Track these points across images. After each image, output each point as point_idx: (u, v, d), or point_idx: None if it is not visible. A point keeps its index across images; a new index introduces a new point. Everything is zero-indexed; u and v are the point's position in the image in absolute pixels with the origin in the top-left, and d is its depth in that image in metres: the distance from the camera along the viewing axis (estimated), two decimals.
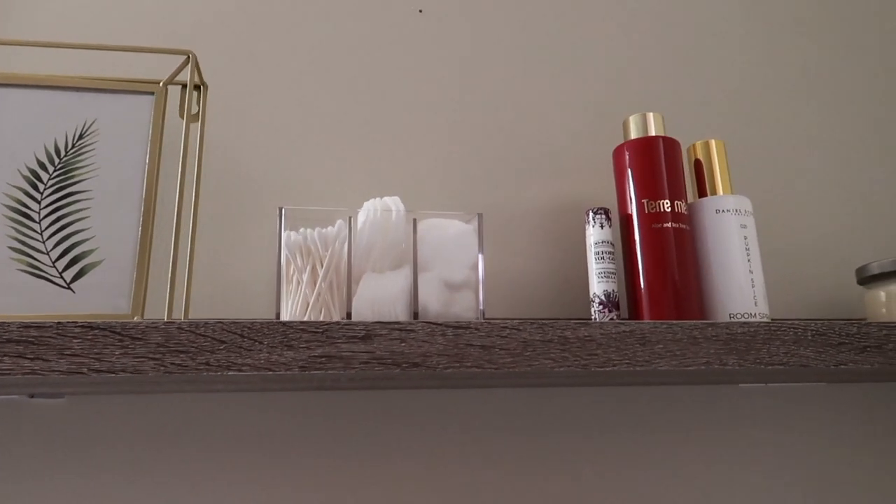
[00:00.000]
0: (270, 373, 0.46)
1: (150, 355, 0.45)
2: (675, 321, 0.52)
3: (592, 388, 0.66)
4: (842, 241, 0.73)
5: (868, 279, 0.65)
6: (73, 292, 0.51)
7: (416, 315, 0.54)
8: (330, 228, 0.55)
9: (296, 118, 0.68)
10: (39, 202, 0.52)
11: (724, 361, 0.52)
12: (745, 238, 0.58)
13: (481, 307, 0.55)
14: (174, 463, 0.60)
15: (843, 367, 0.54)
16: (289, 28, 0.71)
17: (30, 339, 0.44)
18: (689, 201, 0.61)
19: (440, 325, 0.49)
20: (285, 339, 0.47)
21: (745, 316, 0.56)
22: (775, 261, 0.71)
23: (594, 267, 0.57)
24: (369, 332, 0.48)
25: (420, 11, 0.73)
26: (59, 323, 0.44)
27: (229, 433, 0.61)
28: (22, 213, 0.52)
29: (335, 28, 0.72)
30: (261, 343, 0.46)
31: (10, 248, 0.51)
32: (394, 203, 0.56)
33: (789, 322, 0.54)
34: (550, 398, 0.65)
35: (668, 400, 0.66)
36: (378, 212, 0.55)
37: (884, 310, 0.63)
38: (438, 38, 0.73)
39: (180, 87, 0.58)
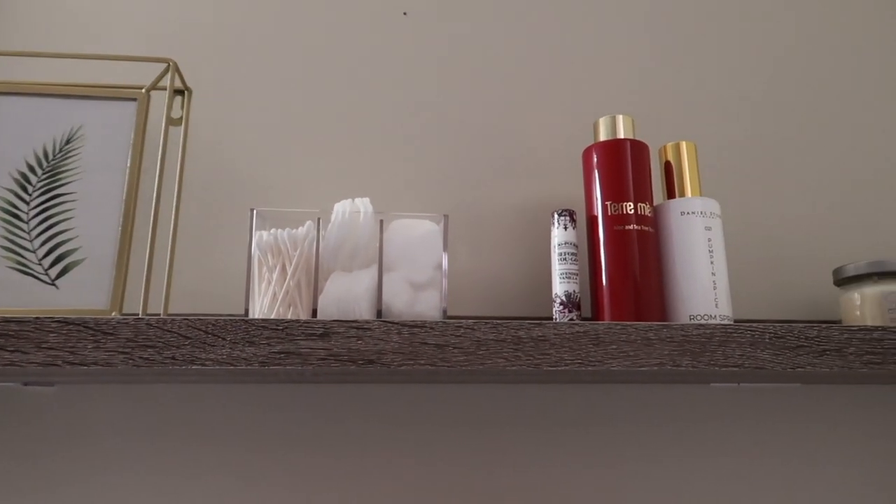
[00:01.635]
0: (232, 367, 0.49)
1: (120, 349, 0.48)
2: (629, 322, 0.53)
3: (560, 385, 0.67)
4: (821, 242, 0.73)
5: (843, 281, 0.65)
6: (57, 288, 0.54)
7: (379, 313, 0.56)
8: (301, 229, 0.57)
9: (275, 121, 0.71)
10: (28, 203, 0.56)
11: (677, 363, 0.53)
12: (710, 240, 0.59)
13: (444, 306, 0.57)
14: (161, 452, 0.63)
15: (800, 369, 0.54)
16: (270, 33, 0.73)
17: (10, 333, 0.47)
18: (659, 203, 0.62)
19: (396, 323, 0.51)
20: (247, 336, 0.49)
21: (706, 318, 0.57)
22: (754, 262, 0.72)
23: (557, 268, 0.58)
24: (327, 329, 0.50)
25: (405, 14, 0.75)
26: (37, 318, 0.47)
27: (206, 422, 0.64)
28: (12, 214, 0.55)
29: (316, 32, 0.74)
30: (224, 339, 0.49)
31: (2, 247, 0.55)
32: (363, 205, 0.58)
33: (747, 324, 0.54)
34: (534, 394, 0.67)
35: (638, 398, 0.67)
36: (347, 213, 0.57)
37: (858, 312, 0.63)
38: (417, 41, 0.75)
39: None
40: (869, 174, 0.76)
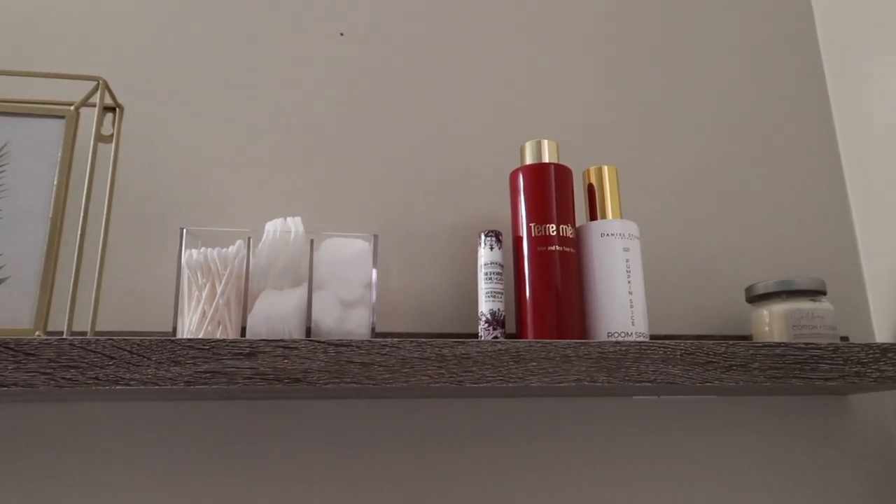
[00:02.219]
0: (157, 387, 0.49)
1: (42, 370, 0.48)
2: (549, 340, 0.56)
3: (490, 399, 0.69)
4: (736, 261, 0.77)
5: (754, 298, 0.69)
6: None
7: (309, 331, 0.57)
8: (231, 248, 0.58)
9: (208, 140, 0.71)
10: None
11: (594, 378, 0.56)
12: (628, 260, 0.62)
13: (373, 324, 0.58)
14: (85, 470, 0.63)
15: (708, 384, 0.57)
16: (204, 52, 0.74)
17: None
18: (581, 224, 0.64)
19: (322, 342, 0.52)
20: (173, 356, 0.50)
21: (623, 334, 0.60)
22: (673, 281, 0.75)
23: (483, 286, 0.61)
24: (254, 348, 0.51)
25: (342, 35, 0.76)
26: None
27: (135, 440, 0.64)
28: None
29: (250, 51, 0.75)
30: (149, 359, 0.49)
31: None
32: (294, 224, 0.59)
33: (660, 342, 0.57)
34: (461, 409, 0.68)
35: (560, 411, 0.70)
36: (278, 232, 0.58)
37: (767, 328, 0.67)
38: (351, 62, 0.76)
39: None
40: (780, 196, 0.81)
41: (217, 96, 0.73)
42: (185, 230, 0.57)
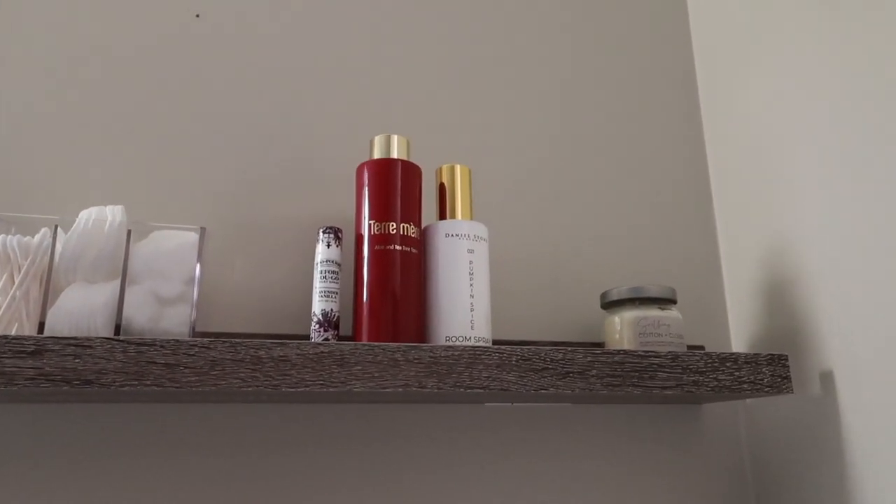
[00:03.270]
0: None
1: None
2: (377, 343, 0.53)
3: (330, 404, 0.66)
4: (594, 267, 0.77)
5: (607, 305, 0.68)
6: None
7: (118, 329, 0.53)
8: (37, 236, 0.53)
9: (36, 121, 0.66)
10: None
11: (423, 384, 0.53)
12: (472, 262, 0.60)
13: (193, 322, 0.54)
14: None
15: (543, 391, 0.56)
16: (31, 23, 0.68)
17: None
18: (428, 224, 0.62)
19: (121, 341, 0.48)
20: None
21: (461, 339, 0.58)
22: (533, 286, 0.74)
23: (318, 286, 0.57)
24: (40, 347, 0.46)
25: (197, 16, 0.72)
26: None
27: None
28: None
29: (87, 25, 0.70)
30: None
31: None
32: (112, 213, 0.55)
33: (496, 347, 0.55)
34: (317, 414, 0.65)
35: (407, 418, 0.67)
36: (91, 221, 0.54)
37: (618, 335, 0.67)
38: (199, 46, 0.71)
39: None
40: (644, 205, 0.81)
41: (41, 70, 0.67)
42: None
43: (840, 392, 0.64)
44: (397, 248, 0.58)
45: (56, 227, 0.53)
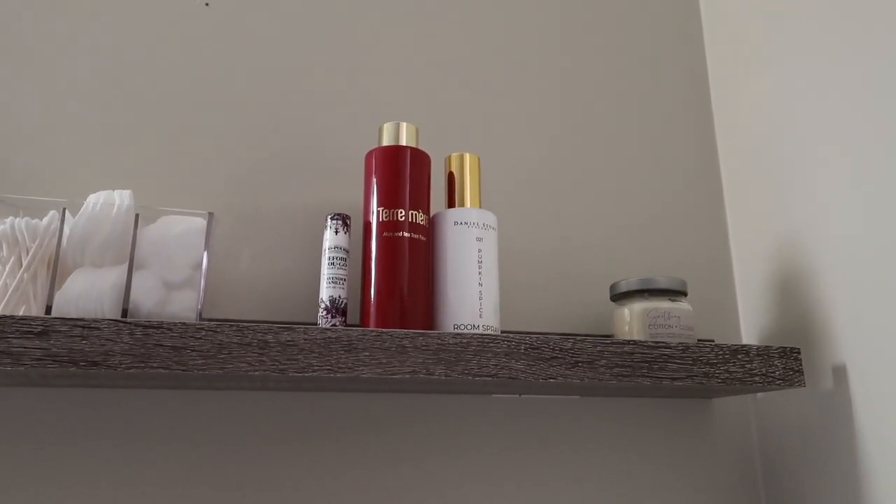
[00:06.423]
0: None
1: None
2: (385, 329, 0.52)
3: (337, 393, 0.65)
4: (604, 259, 0.76)
5: (617, 297, 0.68)
6: None
7: (125, 313, 0.52)
8: (45, 219, 0.53)
9: (38, 101, 0.66)
10: None
11: (430, 371, 0.53)
12: (480, 251, 0.59)
13: (200, 308, 0.54)
14: None
15: (552, 380, 0.55)
16: (38, 12, 0.68)
17: None
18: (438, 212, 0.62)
19: (128, 323, 0.47)
20: None
21: (469, 327, 0.57)
22: (543, 277, 0.73)
23: (326, 272, 0.57)
24: (47, 327, 0.46)
25: (207, 4, 0.72)
26: None
27: None
28: None
29: (93, 13, 0.69)
30: None
31: None
32: (120, 197, 0.55)
33: (504, 335, 0.55)
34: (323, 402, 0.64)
35: (415, 408, 0.67)
36: (98, 205, 0.54)
37: (627, 327, 0.66)
38: (208, 34, 0.71)
39: None
40: (656, 197, 0.80)
41: (51, 54, 0.67)
42: None
43: (852, 386, 0.63)
44: (406, 235, 0.57)
45: (64, 210, 0.53)
